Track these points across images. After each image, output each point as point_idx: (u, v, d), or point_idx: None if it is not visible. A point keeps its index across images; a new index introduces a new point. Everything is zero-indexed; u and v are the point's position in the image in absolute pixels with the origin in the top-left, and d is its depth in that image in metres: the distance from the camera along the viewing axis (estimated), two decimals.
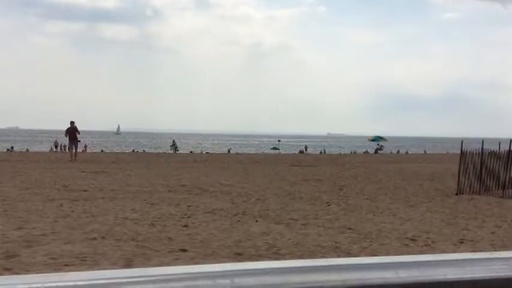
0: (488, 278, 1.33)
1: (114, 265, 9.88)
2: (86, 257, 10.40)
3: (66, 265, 9.73)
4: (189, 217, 15.42)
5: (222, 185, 24.42)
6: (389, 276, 1.26)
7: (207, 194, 21.08)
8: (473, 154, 24.12)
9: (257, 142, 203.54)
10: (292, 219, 15.64)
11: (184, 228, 13.73)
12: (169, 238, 12.46)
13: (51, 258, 10.24)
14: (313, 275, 1.22)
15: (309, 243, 12.44)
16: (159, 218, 15.14)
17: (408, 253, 11.37)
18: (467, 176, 23.51)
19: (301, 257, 10.82)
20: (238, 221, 15.13)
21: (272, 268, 1.21)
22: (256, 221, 15.12)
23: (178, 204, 17.92)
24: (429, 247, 12.38)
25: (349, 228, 14.35)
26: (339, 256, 10.92)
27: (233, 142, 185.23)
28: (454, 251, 11.13)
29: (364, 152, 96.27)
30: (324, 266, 1.26)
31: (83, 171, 29.47)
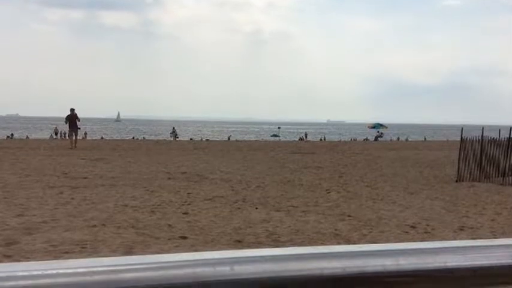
0: (488, 265, 1.33)
1: (114, 252, 9.90)
2: (86, 244, 10.41)
3: (66, 252, 9.75)
4: (189, 204, 15.43)
5: (222, 172, 24.44)
6: (389, 263, 1.26)
7: (207, 181, 21.09)
8: (473, 141, 24.11)
9: (257, 129, 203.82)
10: (292, 206, 15.66)
11: (184, 216, 13.74)
12: (169, 225, 12.47)
13: (51, 245, 10.26)
14: (313, 262, 1.22)
15: (308, 230, 12.46)
16: (159, 205, 15.16)
17: (408, 240, 11.38)
18: (467, 163, 23.51)
19: (301, 244, 10.83)
20: (238, 208, 15.15)
21: (272, 255, 1.21)
22: (256, 208, 15.13)
23: (178, 191, 17.94)
24: (429, 234, 12.39)
25: (349, 216, 14.37)
26: (338, 243, 10.94)
27: (233, 129, 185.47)
28: (454, 238, 11.14)
29: (364, 139, 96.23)
30: (324, 253, 1.26)
31: (83, 159, 29.48)
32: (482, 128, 24.50)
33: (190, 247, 10.45)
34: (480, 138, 24.06)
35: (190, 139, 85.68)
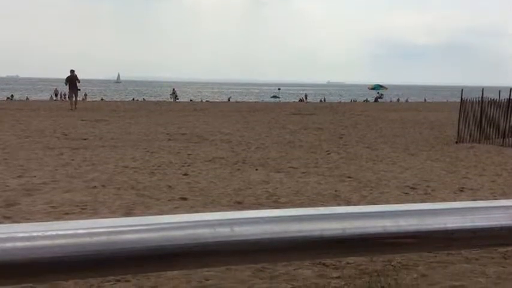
0: (488, 226, 1.33)
1: (114, 213, 9.93)
2: (86, 205, 10.45)
3: (66, 213, 9.78)
4: (189, 165, 15.45)
5: (221, 133, 24.44)
6: (389, 224, 1.26)
7: (207, 142, 21.10)
8: (473, 102, 24.07)
9: (257, 91, 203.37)
10: (292, 167, 15.68)
11: (184, 177, 13.77)
12: (169, 186, 12.50)
13: (51, 206, 10.29)
14: (313, 224, 1.22)
15: (308, 191, 12.49)
16: (159, 166, 15.18)
17: (408, 202, 11.43)
18: (467, 125, 23.51)
19: (301, 205, 10.86)
20: (238, 169, 15.17)
21: (272, 216, 1.21)
22: (256, 170, 15.16)
23: (178, 152, 17.95)
24: (429, 195, 12.43)
25: (349, 177, 14.40)
26: (338, 205, 10.97)
27: (233, 90, 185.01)
28: (454, 200, 11.18)
29: (364, 101, 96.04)
30: (324, 215, 1.26)
31: (83, 120, 29.46)
32: (482, 89, 24.45)
33: (190, 208, 10.48)
34: (480, 99, 24.02)
35: (190, 100, 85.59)
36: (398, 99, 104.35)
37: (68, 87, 40.90)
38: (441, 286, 6.68)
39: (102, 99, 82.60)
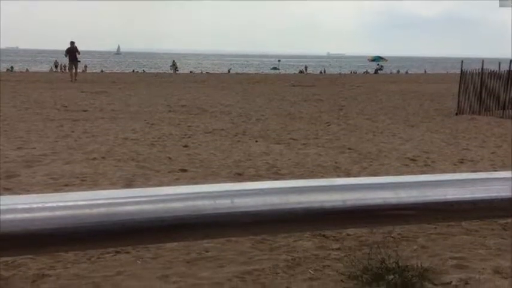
0: (488, 198, 1.33)
1: (114, 185, 9.94)
2: (86, 177, 10.46)
3: (66, 185, 9.80)
4: (189, 137, 15.46)
5: (222, 105, 24.42)
6: (389, 196, 1.26)
7: (207, 114, 21.10)
8: (473, 74, 24.01)
9: (257, 62, 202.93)
10: (292, 139, 15.69)
11: (185, 149, 13.78)
12: (170, 158, 12.52)
13: (51, 178, 10.31)
14: (313, 195, 1.22)
15: (309, 163, 12.50)
16: (159, 138, 15.18)
17: (408, 173, 11.43)
18: (467, 96, 23.48)
19: (301, 177, 10.87)
20: (238, 141, 15.18)
21: (272, 188, 1.21)
22: (256, 141, 15.16)
23: (178, 124, 17.95)
24: (429, 167, 12.44)
25: (349, 148, 14.41)
26: (338, 176, 10.98)
27: (233, 62, 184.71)
28: (454, 171, 11.17)
29: (364, 72, 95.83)
30: (324, 186, 1.26)
31: (83, 92, 29.43)
32: (482, 61, 24.39)
33: (191, 180, 10.50)
34: (480, 71, 23.98)
35: (190, 72, 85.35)
36: (398, 71, 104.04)
37: (68, 59, 40.82)
38: (441, 258, 6.70)
39: (102, 71, 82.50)
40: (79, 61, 41.30)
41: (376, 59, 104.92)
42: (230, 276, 6.15)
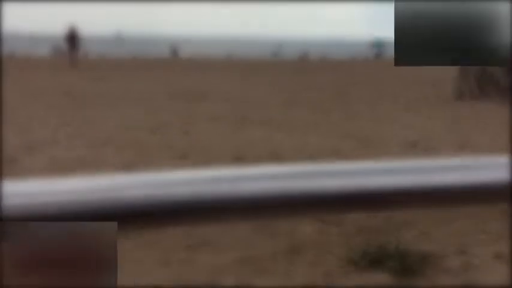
0: (489, 183, 1.33)
1: (114, 171, 9.94)
2: (86, 163, 10.47)
3: (66, 171, 9.80)
4: (189, 124, 15.44)
5: (222, 91, 24.38)
6: (389, 181, 1.26)
7: (207, 100, 21.07)
8: None
9: (258, 48, 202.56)
10: (293, 125, 15.68)
11: (185, 135, 13.77)
12: (170, 145, 12.51)
13: (51, 164, 10.32)
14: (313, 180, 1.21)
15: (309, 149, 12.50)
16: (159, 124, 15.17)
17: (408, 159, 11.43)
18: (467, 82, 23.44)
19: (302, 162, 10.87)
20: (239, 128, 15.17)
21: (273, 173, 1.21)
22: (257, 128, 15.15)
23: (178, 110, 17.93)
24: (430, 153, 12.44)
25: (350, 135, 14.40)
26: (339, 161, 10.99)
27: (234, 47, 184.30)
28: (455, 156, 11.20)
29: (364, 58, 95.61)
30: (324, 171, 1.26)
31: (83, 78, 29.38)
32: None
33: (191, 166, 10.50)
34: None
35: (191, 57, 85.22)
36: None
37: (67, 44, 40.69)
38: (441, 243, 6.71)
39: (102, 57, 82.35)
40: (79, 47, 41.16)
41: (377, 44, 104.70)
42: (230, 261, 6.16)
